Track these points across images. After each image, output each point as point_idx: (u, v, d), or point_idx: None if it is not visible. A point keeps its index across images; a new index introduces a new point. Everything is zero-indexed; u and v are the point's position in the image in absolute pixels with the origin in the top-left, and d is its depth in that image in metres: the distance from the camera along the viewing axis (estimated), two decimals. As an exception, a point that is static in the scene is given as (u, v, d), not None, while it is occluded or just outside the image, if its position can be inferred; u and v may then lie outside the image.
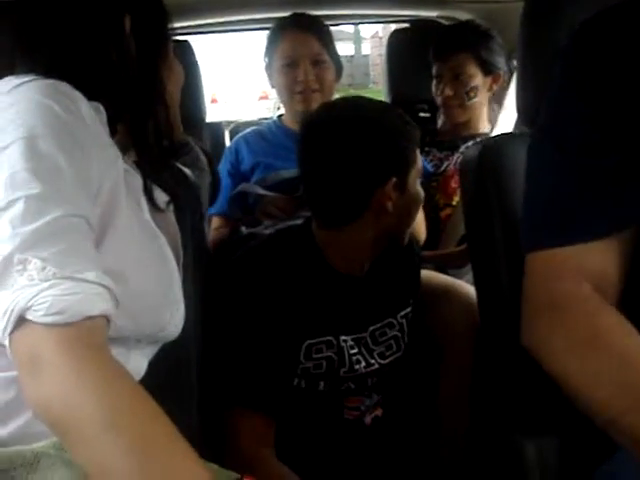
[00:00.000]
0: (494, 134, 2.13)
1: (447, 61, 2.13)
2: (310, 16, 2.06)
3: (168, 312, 0.97)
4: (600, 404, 0.87)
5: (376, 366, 1.44)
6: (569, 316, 0.91)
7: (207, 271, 1.34)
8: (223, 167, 2.03)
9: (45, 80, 0.86)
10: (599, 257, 0.92)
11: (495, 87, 2.17)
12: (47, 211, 0.74)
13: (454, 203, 2.10)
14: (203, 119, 2.37)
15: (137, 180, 1.01)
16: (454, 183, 2.09)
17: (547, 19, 1.21)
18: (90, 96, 0.90)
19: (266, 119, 2.24)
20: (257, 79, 9.60)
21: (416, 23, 2.60)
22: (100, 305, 0.74)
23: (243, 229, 1.86)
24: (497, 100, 2.27)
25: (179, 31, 2.45)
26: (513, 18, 1.27)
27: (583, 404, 0.89)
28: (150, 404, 0.72)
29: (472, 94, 2.11)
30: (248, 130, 2.16)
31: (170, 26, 1.10)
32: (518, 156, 1.22)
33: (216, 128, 2.48)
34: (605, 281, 0.92)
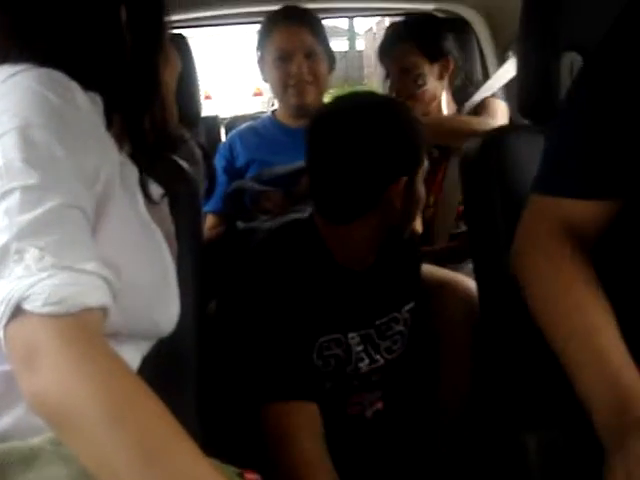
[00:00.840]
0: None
1: (390, 55, 2.12)
2: (301, 8, 2.04)
3: (162, 307, 0.96)
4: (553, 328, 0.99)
5: (381, 362, 1.44)
6: (543, 253, 1.03)
7: (203, 264, 1.33)
8: (218, 163, 2.03)
9: (40, 69, 0.84)
10: (588, 214, 1.02)
11: (446, 74, 2.13)
12: (44, 201, 0.73)
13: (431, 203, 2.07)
14: (198, 113, 2.35)
15: (133, 172, 0.99)
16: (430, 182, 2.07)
17: (548, 12, 1.20)
18: (86, 86, 0.89)
19: (262, 113, 2.23)
20: (251, 76, 9.60)
21: (412, 17, 2.59)
22: (99, 296, 0.73)
23: (239, 224, 1.85)
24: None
25: (174, 24, 2.44)
26: (511, 11, 1.27)
27: (542, 328, 1.00)
28: (152, 399, 0.70)
29: (420, 82, 2.06)
30: (242, 126, 2.15)
31: (167, 17, 1.08)
32: (519, 148, 1.22)
33: (211, 122, 2.46)
34: (584, 235, 1.02)
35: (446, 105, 2.16)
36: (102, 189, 0.84)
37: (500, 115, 2.06)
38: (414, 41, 2.08)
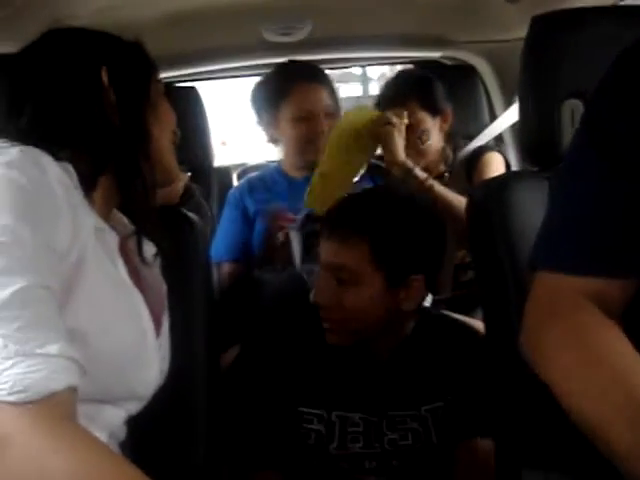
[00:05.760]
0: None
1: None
2: (318, 68, 2.13)
3: (137, 373, 0.96)
4: (598, 420, 0.79)
5: (378, 450, 1.37)
6: (569, 323, 0.87)
7: (214, 313, 1.34)
8: (230, 213, 2.10)
9: (13, 148, 0.84)
10: (615, 293, 0.88)
11: (446, 126, 2.18)
12: (9, 284, 0.73)
13: None
14: (211, 164, 2.39)
15: (113, 238, 0.99)
16: None
17: (548, 58, 1.22)
18: (72, 150, 0.91)
19: (273, 162, 2.27)
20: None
21: (420, 64, 2.64)
22: (65, 378, 0.73)
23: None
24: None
25: (186, 78, 2.50)
26: (516, 57, 1.28)
27: (579, 418, 0.82)
28: (128, 472, 0.72)
29: (425, 137, 2.11)
30: (252, 176, 2.21)
31: (156, 73, 1.09)
32: (524, 194, 1.22)
33: (224, 172, 2.50)
34: (611, 310, 0.88)
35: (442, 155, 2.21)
36: (75, 260, 0.85)
37: (495, 170, 2.07)
38: (416, 98, 2.11)
